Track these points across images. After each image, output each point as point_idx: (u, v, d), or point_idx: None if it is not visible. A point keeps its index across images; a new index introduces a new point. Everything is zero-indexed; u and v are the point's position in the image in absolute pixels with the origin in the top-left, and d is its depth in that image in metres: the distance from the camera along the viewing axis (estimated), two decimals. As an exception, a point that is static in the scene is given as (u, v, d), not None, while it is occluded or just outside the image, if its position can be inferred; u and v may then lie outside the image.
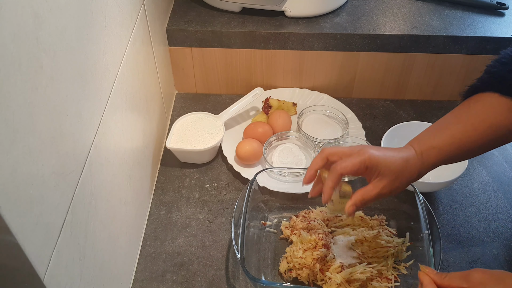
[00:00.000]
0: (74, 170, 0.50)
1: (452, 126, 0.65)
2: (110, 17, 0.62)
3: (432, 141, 0.65)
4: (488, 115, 0.62)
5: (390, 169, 0.63)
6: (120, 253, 0.69)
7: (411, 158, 0.64)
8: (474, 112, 0.64)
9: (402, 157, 0.64)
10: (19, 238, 0.39)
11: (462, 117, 0.65)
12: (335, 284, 0.70)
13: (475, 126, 0.63)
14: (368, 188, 0.65)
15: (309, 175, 0.66)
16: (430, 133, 0.66)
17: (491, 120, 0.62)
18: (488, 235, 0.82)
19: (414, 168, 0.64)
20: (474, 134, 0.63)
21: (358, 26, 0.98)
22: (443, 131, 0.65)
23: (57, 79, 0.46)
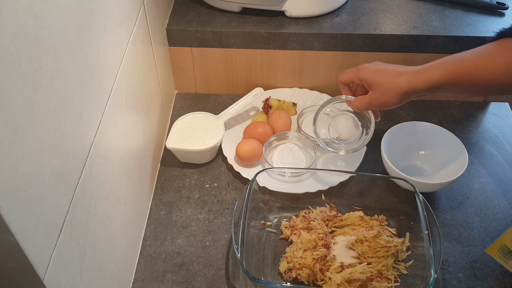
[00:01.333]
0: (74, 170, 0.50)
1: (465, 55, 0.67)
2: (110, 17, 0.62)
3: (442, 62, 0.68)
4: (503, 54, 0.64)
5: (378, 82, 0.72)
6: (120, 253, 0.69)
7: (407, 72, 0.69)
8: (491, 49, 0.66)
9: (394, 71, 0.70)
10: (19, 238, 0.39)
11: (478, 51, 0.67)
12: (335, 284, 0.70)
13: (487, 60, 0.65)
14: (363, 95, 0.76)
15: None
16: (443, 58, 0.69)
17: (506, 59, 0.64)
18: (488, 235, 0.82)
19: (407, 83, 0.68)
20: (484, 67, 0.65)
21: (358, 26, 0.98)
22: (456, 56, 0.68)
23: (57, 79, 0.46)
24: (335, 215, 0.82)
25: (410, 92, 0.69)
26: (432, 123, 0.91)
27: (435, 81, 0.67)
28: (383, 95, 0.72)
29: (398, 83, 0.69)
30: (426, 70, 0.68)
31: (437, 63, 0.69)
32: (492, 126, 1.02)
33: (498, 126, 1.02)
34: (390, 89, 0.71)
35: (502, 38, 0.67)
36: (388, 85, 0.71)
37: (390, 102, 0.72)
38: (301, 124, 0.97)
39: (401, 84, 0.69)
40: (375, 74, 0.72)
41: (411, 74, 0.69)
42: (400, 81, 0.69)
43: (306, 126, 0.97)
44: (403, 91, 0.69)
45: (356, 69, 0.76)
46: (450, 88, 0.68)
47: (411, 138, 0.91)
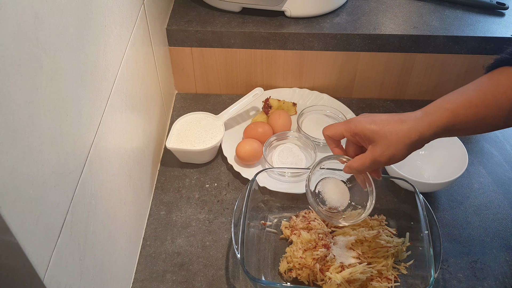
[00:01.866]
0: (74, 170, 0.50)
1: (471, 92, 0.59)
2: (110, 17, 0.62)
3: (445, 103, 0.59)
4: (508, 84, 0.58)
5: (379, 133, 0.60)
6: (120, 253, 0.69)
7: (411, 119, 0.59)
8: (497, 83, 0.59)
9: (394, 119, 0.60)
10: (19, 238, 0.39)
11: (483, 86, 0.60)
12: (335, 284, 0.70)
13: (495, 95, 0.58)
14: (363, 154, 0.62)
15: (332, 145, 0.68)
16: (443, 97, 0.61)
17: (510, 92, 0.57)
18: (488, 235, 0.82)
19: (414, 130, 0.58)
20: (493, 103, 0.58)
21: (358, 26, 0.98)
22: (459, 95, 0.60)
23: (57, 79, 0.46)
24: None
25: (418, 141, 0.59)
26: (432, 123, 0.91)
27: (442, 126, 0.58)
28: (388, 148, 0.59)
29: (403, 131, 0.59)
30: (431, 114, 0.59)
31: (443, 103, 0.60)
32: (492, 126, 1.02)
33: (498, 126, 1.02)
34: (396, 140, 0.59)
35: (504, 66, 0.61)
36: (392, 135, 0.59)
37: (397, 156, 0.60)
38: (301, 124, 0.97)
39: (406, 132, 0.59)
40: (373, 125, 0.60)
41: (415, 120, 0.59)
42: (404, 129, 0.59)
43: (306, 126, 0.97)
44: (410, 141, 0.59)
45: (347, 122, 0.64)
46: (459, 130, 0.60)
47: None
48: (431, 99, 1.07)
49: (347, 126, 0.63)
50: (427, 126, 0.59)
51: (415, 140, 0.59)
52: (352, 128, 0.62)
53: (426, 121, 0.59)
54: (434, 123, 0.58)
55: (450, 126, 0.59)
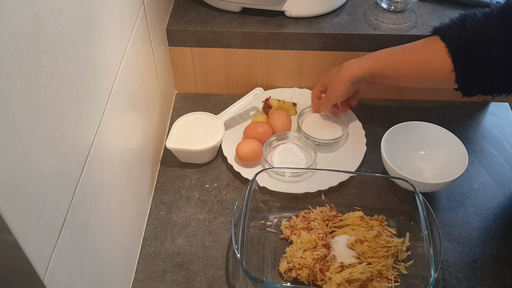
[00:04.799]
0: (74, 170, 0.50)
1: (396, 48, 0.82)
2: (110, 17, 0.62)
3: (375, 53, 0.83)
4: (426, 49, 0.77)
5: (328, 79, 0.90)
6: (120, 253, 0.69)
7: (347, 63, 0.85)
8: (418, 44, 0.79)
9: (338, 66, 0.87)
10: (19, 238, 0.39)
11: (407, 45, 0.81)
12: (335, 284, 0.70)
13: (411, 53, 0.78)
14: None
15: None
16: (379, 50, 0.84)
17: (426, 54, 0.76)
18: (488, 235, 0.82)
19: (347, 72, 0.84)
20: (407, 59, 0.78)
21: (358, 26, 0.98)
22: (389, 49, 0.82)
23: (57, 79, 0.46)
24: (335, 215, 0.82)
25: (350, 78, 0.83)
26: (432, 123, 0.91)
27: (367, 69, 0.81)
28: (332, 87, 0.88)
29: (340, 73, 0.85)
30: (363, 59, 0.83)
31: (373, 53, 0.83)
32: (492, 126, 1.02)
33: (498, 126, 1.02)
34: (336, 80, 0.86)
35: (432, 35, 0.77)
36: (333, 77, 0.87)
37: (338, 91, 0.87)
38: (301, 124, 0.97)
39: (342, 73, 0.84)
40: (327, 75, 0.90)
41: (351, 64, 0.84)
42: (341, 72, 0.85)
43: (306, 126, 0.97)
44: (344, 79, 0.84)
45: (317, 81, 0.94)
46: (381, 77, 0.82)
47: (411, 138, 0.91)
48: (431, 99, 1.08)
49: (318, 82, 0.95)
50: (357, 66, 0.83)
51: (347, 77, 0.84)
52: (320, 82, 0.93)
53: (357, 63, 0.83)
54: (362, 65, 0.82)
55: (373, 71, 0.82)
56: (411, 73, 0.79)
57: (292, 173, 0.88)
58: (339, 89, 0.86)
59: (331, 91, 0.89)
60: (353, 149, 0.94)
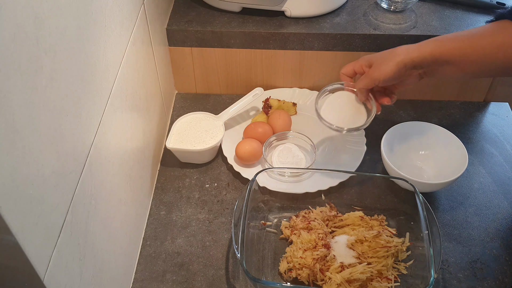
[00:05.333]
0: (74, 170, 0.50)
1: (462, 33, 0.72)
2: (110, 17, 0.62)
3: (437, 37, 0.72)
4: (496, 35, 0.68)
5: (376, 56, 0.76)
6: (120, 253, 0.69)
7: (403, 46, 0.73)
8: (488, 29, 0.70)
9: (392, 48, 0.75)
10: (19, 238, 0.39)
11: (474, 30, 0.71)
12: (335, 284, 0.70)
13: (482, 37, 0.69)
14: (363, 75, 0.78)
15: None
16: (440, 36, 0.74)
17: (496, 40, 0.67)
18: (488, 235, 0.82)
19: (403, 51, 0.72)
20: (479, 43, 0.69)
21: (358, 26, 0.98)
22: (452, 34, 0.73)
23: (57, 79, 0.46)
24: (335, 215, 0.82)
25: (406, 60, 0.71)
26: (432, 123, 0.91)
27: (429, 53, 0.71)
28: (380, 65, 0.74)
29: (395, 52, 0.73)
30: (424, 43, 0.72)
31: (435, 38, 0.73)
32: (492, 126, 1.02)
33: (498, 126, 1.02)
34: (387, 58, 0.73)
35: (500, 20, 0.69)
36: (385, 55, 0.74)
37: (387, 70, 0.72)
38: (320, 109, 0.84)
39: (398, 53, 0.72)
40: (375, 54, 0.77)
41: (408, 46, 0.73)
42: (397, 52, 0.73)
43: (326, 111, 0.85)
44: (399, 59, 0.72)
45: (357, 60, 0.80)
46: (444, 63, 0.71)
47: (411, 138, 0.91)
48: (431, 99, 1.08)
49: (357, 61, 0.79)
50: (417, 51, 0.71)
51: (402, 58, 0.72)
52: (360, 61, 0.78)
53: (416, 46, 0.72)
54: (423, 50, 0.71)
55: (437, 56, 0.71)
56: (482, 59, 0.70)
57: (292, 173, 0.88)
58: (388, 68, 0.72)
59: (377, 69, 0.74)
60: (353, 149, 0.94)
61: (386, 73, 0.73)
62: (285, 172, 0.88)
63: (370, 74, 0.75)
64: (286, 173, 0.88)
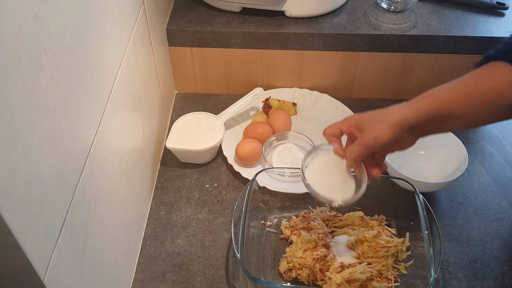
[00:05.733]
0: (74, 170, 0.50)
1: (454, 83, 0.63)
2: (110, 17, 0.62)
3: (429, 92, 0.62)
4: (493, 79, 0.60)
5: (366, 119, 0.65)
6: (120, 253, 0.69)
7: (396, 106, 0.64)
8: (479, 74, 0.61)
9: (382, 109, 0.65)
10: (19, 238, 0.39)
11: (466, 77, 0.62)
12: (335, 284, 0.70)
13: (477, 86, 0.60)
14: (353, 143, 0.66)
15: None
16: (431, 90, 0.64)
17: (495, 84, 0.59)
18: (488, 235, 0.82)
19: (396, 112, 0.62)
20: (475, 93, 0.60)
21: (358, 26, 0.98)
22: (443, 86, 0.63)
23: (57, 79, 0.46)
24: (335, 215, 0.82)
25: (400, 122, 0.62)
26: (432, 123, 0.91)
27: (424, 111, 0.61)
28: (373, 128, 0.63)
29: (387, 114, 0.63)
30: (415, 101, 0.62)
31: (427, 93, 0.63)
32: (492, 126, 1.02)
33: (498, 126, 1.02)
34: (379, 120, 0.63)
35: (490, 62, 0.62)
36: (375, 117, 0.64)
37: (382, 136, 0.62)
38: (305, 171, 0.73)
39: (390, 114, 0.63)
40: (363, 115, 0.65)
41: (400, 106, 0.63)
42: (388, 113, 0.63)
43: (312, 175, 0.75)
44: (392, 121, 0.62)
45: (343, 119, 0.68)
46: (443, 119, 0.62)
47: (411, 138, 0.91)
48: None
49: (344, 121, 0.68)
50: (411, 111, 0.62)
51: (396, 119, 0.62)
52: (347, 121, 0.67)
53: (410, 106, 0.62)
54: (417, 109, 0.62)
55: (433, 113, 0.61)
56: (484, 109, 0.61)
57: (292, 173, 0.88)
58: (383, 133, 0.62)
59: (369, 134, 0.63)
60: (353, 149, 0.94)
61: (381, 138, 0.63)
62: (285, 172, 0.88)
63: (364, 141, 0.64)
64: (286, 173, 0.88)
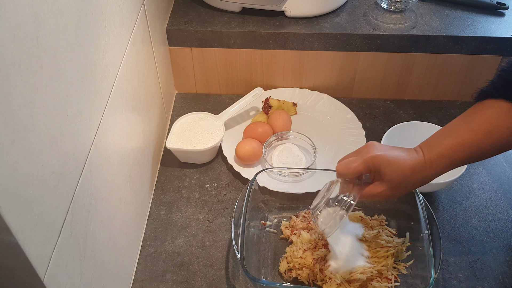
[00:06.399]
0: (74, 170, 0.50)
1: (463, 133, 0.63)
2: (110, 17, 0.62)
3: (443, 149, 0.64)
4: (500, 123, 0.61)
5: (392, 176, 0.64)
6: (120, 253, 0.69)
7: (419, 167, 0.64)
8: (486, 119, 0.62)
9: (409, 166, 0.64)
10: (19, 238, 0.39)
11: (473, 123, 0.63)
12: (335, 284, 0.70)
13: (485, 134, 0.62)
14: (368, 188, 0.66)
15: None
16: (440, 139, 0.65)
17: (503, 129, 0.61)
18: (488, 235, 0.82)
19: (419, 177, 0.64)
20: (485, 142, 0.62)
21: (358, 26, 0.98)
22: (453, 138, 0.64)
23: (57, 79, 0.46)
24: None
25: (419, 186, 0.66)
26: (432, 123, 0.91)
27: (440, 172, 0.64)
28: (393, 189, 0.65)
29: (411, 180, 0.65)
30: (433, 162, 0.63)
31: (441, 151, 0.63)
32: (492, 126, 1.02)
33: (498, 126, 1.02)
34: (404, 186, 0.65)
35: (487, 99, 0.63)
36: (402, 182, 0.65)
37: (397, 195, 0.66)
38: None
39: (413, 181, 0.65)
40: (390, 167, 0.64)
41: (423, 169, 0.64)
42: (412, 180, 0.64)
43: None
44: (413, 187, 0.67)
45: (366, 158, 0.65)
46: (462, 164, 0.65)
47: (411, 138, 0.90)
48: (431, 99, 1.08)
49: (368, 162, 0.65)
50: (432, 173, 0.64)
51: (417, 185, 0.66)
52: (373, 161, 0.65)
53: (428, 170, 0.64)
54: (434, 171, 0.64)
55: (450, 167, 0.64)
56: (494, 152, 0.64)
57: (292, 173, 0.88)
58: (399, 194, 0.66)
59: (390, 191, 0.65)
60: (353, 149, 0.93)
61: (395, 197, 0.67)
62: (285, 172, 0.88)
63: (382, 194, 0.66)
64: (286, 173, 0.88)
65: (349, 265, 0.71)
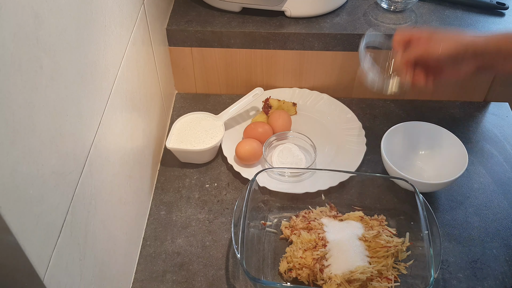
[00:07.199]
0: (74, 170, 0.50)
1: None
2: (110, 17, 0.62)
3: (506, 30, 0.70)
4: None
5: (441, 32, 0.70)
6: (120, 253, 0.69)
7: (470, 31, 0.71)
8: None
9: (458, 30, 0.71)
10: (19, 238, 0.39)
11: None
12: (335, 284, 0.70)
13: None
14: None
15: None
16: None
17: None
18: (488, 235, 0.82)
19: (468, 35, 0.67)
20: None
21: (358, 26, 0.98)
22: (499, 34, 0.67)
23: (57, 79, 0.46)
24: (335, 215, 0.82)
25: (469, 44, 0.66)
26: (432, 123, 0.91)
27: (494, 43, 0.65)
28: (441, 41, 0.67)
29: (461, 33, 0.68)
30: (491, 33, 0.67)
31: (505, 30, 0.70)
32: (492, 126, 1.02)
33: (498, 126, 1.02)
34: (451, 38, 0.67)
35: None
36: (450, 34, 0.68)
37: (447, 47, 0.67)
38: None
39: (463, 35, 0.67)
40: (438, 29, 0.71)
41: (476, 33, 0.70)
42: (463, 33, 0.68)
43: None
44: (463, 40, 0.66)
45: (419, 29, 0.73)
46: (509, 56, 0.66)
47: (411, 138, 0.91)
48: (431, 99, 1.08)
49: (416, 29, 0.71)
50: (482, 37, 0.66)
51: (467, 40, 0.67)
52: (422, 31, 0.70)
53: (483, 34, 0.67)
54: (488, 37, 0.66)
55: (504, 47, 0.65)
56: None
57: (292, 173, 0.88)
58: (447, 46, 0.66)
59: (435, 43, 0.67)
60: (353, 149, 0.94)
61: (443, 49, 0.66)
62: (285, 172, 0.88)
63: (425, 47, 0.68)
64: (286, 173, 0.88)
65: (349, 265, 0.71)
